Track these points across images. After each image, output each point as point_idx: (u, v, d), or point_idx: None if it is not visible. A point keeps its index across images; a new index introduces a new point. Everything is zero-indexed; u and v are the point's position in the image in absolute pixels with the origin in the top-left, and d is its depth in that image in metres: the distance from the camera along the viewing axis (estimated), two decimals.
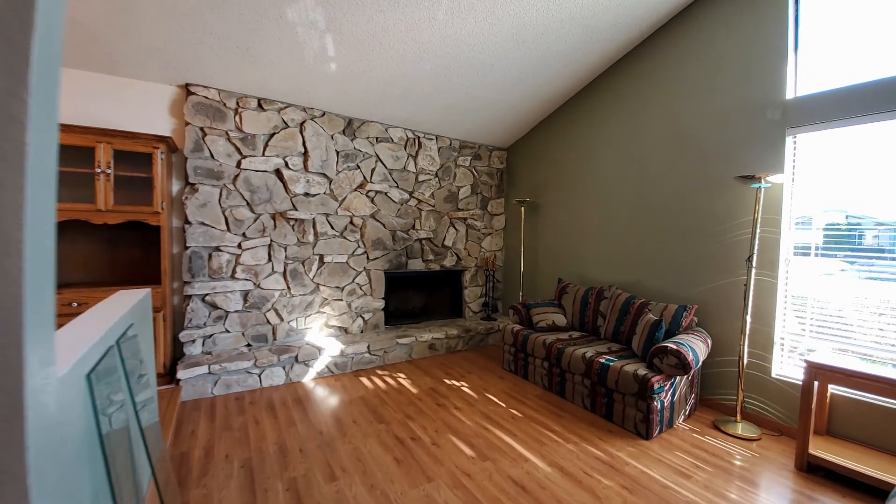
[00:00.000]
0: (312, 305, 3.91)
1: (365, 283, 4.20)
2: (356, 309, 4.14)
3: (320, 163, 3.83)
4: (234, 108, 3.43)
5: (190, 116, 3.26)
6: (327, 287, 3.97)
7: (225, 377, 3.15)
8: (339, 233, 4.00)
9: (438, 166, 4.61)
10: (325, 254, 3.92)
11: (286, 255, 3.73)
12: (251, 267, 3.58)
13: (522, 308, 3.83)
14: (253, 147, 3.52)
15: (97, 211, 2.73)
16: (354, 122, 4.02)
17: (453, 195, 4.77)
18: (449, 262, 4.78)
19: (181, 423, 2.69)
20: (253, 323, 3.62)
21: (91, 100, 3.00)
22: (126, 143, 2.79)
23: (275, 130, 3.60)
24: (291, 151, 3.69)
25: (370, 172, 4.14)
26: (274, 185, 3.63)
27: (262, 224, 3.60)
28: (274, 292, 3.70)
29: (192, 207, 3.31)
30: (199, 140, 3.31)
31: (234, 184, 3.46)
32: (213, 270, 3.42)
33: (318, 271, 3.91)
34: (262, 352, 3.43)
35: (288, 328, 3.79)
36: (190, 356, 3.32)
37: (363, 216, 4.13)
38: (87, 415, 1.00)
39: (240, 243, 3.51)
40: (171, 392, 2.90)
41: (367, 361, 3.80)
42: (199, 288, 3.36)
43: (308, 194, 3.80)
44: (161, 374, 2.99)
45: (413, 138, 4.41)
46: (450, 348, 4.34)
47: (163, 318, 2.98)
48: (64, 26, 1.75)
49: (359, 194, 4.08)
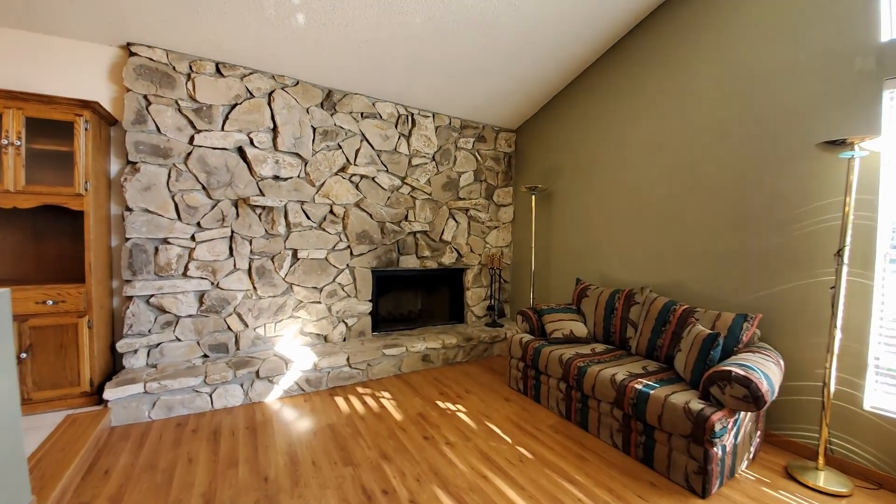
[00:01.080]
0: (284, 309, 3.31)
1: (348, 282, 3.59)
2: (338, 313, 3.54)
3: (293, 141, 3.23)
4: (185, 72, 2.86)
5: (130, 82, 2.70)
6: (302, 287, 3.37)
7: (166, 397, 2.57)
8: (317, 224, 3.40)
9: (436, 148, 3.99)
10: (300, 248, 3.32)
11: (251, 249, 3.15)
12: (208, 263, 3.00)
13: (533, 314, 3.17)
14: (209, 120, 2.94)
15: (5, 192, 2.18)
16: (335, 93, 3.42)
17: (453, 182, 4.14)
18: (448, 259, 4.14)
19: (98, 458, 2.12)
20: (210, 330, 3.04)
21: (8, 62, 2.46)
22: (42, 110, 2.24)
23: (236, 101, 3.02)
24: (257, 126, 3.10)
25: (354, 153, 3.54)
26: (236, 165, 3.05)
27: (220, 212, 3.02)
28: (237, 293, 3.12)
29: (132, 191, 2.74)
30: (142, 110, 2.75)
31: (186, 163, 2.89)
32: (161, 267, 2.85)
33: (292, 269, 3.32)
34: (217, 365, 2.84)
35: (254, 336, 3.21)
36: (130, 370, 2.75)
37: (345, 205, 3.52)
38: None
39: (193, 234, 2.94)
40: (95, 416, 2.33)
41: (347, 377, 3.19)
42: (143, 288, 2.79)
43: (278, 177, 3.22)
44: (87, 392, 2.43)
45: (406, 115, 3.79)
46: (447, 360, 3.70)
47: (87, 325, 2.42)
48: None
49: (340, 179, 3.48)
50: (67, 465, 1.90)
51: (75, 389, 2.42)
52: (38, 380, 2.33)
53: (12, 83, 2.43)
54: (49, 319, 2.33)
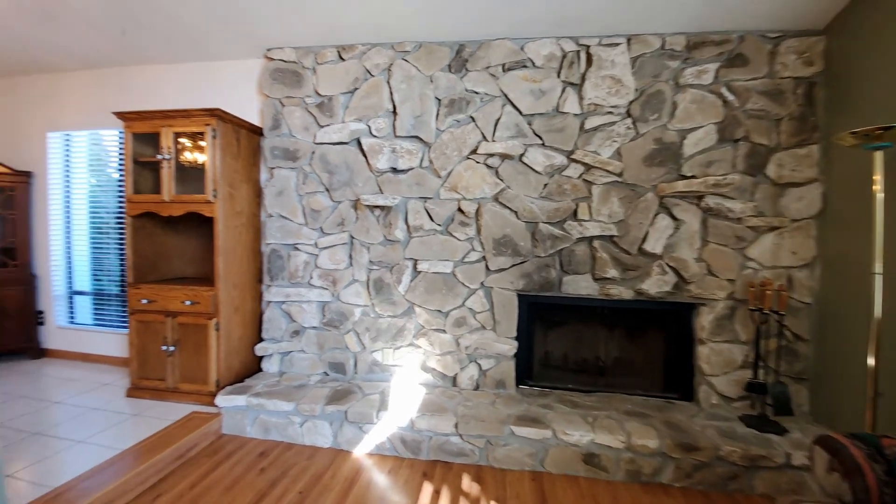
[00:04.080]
0: (404, 334, 2.64)
1: (482, 309, 2.55)
2: (467, 349, 2.56)
3: (412, 121, 2.54)
4: (311, 66, 2.67)
5: (268, 88, 2.73)
6: (424, 310, 2.60)
7: (264, 417, 2.35)
8: (443, 226, 2.56)
9: (633, 95, 2.37)
10: (421, 258, 2.58)
11: (369, 257, 2.65)
12: (329, 272, 2.70)
13: (874, 464, 1.14)
14: (330, 113, 2.65)
15: (162, 202, 2.51)
16: (466, 47, 2.50)
17: (669, 150, 2.36)
18: (655, 285, 2.38)
19: (185, 467, 2.02)
20: (331, 346, 2.73)
21: (189, 91, 2.94)
22: (184, 124, 2.46)
23: (355, 85, 2.61)
24: (376, 111, 2.59)
25: (492, 125, 2.49)
26: (354, 161, 2.64)
27: (340, 215, 2.67)
28: (355, 309, 2.69)
29: (269, 196, 2.76)
30: (277, 114, 2.73)
31: (311, 164, 2.69)
32: (291, 273, 2.75)
33: (412, 284, 2.61)
34: (311, 393, 2.45)
35: (371, 361, 2.68)
36: (263, 374, 2.75)
37: (479, 199, 2.52)
38: None
39: (316, 241, 2.70)
40: (209, 418, 2.34)
41: (455, 451, 2.15)
42: (276, 294, 2.76)
43: (396, 170, 2.59)
44: (213, 392, 2.51)
45: (574, 52, 2.41)
46: (637, 474, 2.01)
47: (214, 327, 2.49)
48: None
49: (472, 164, 2.51)
50: (144, 461, 1.83)
51: (205, 387, 2.52)
52: (182, 372, 2.56)
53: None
54: (189, 318, 2.52)
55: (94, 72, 3.14)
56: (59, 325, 3.34)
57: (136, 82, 3.07)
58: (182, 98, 2.93)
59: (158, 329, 2.56)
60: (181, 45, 2.76)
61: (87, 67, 3.12)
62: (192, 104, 2.81)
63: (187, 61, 2.95)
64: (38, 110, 3.27)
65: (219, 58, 2.87)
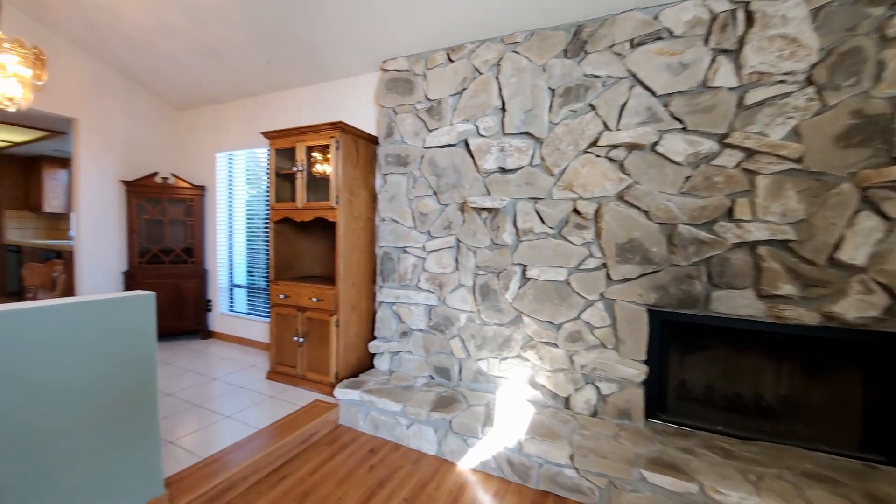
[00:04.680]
0: (510, 345, 2.48)
1: (602, 323, 2.23)
2: (583, 369, 2.27)
3: (522, 116, 2.36)
4: (422, 72, 2.70)
5: (383, 98, 2.85)
6: (533, 320, 2.40)
7: (374, 414, 2.44)
8: (555, 229, 2.33)
9: (817, 57, 1.80)
10: (531, 264, 2.38)
11: (476, 262, 2.56)
12: (436, 276, 2.70)
13: None
14: (439, 116, 2.64)
15: (296, 209, 2.80)
16: (585, 27, 2.22)
17: (875, 124, 1.72)
18: (857, 306, 1.76)
19: (307, 452, 2.21)
20: (437, 350, 2.72)
21: (321, 110, 3.24)
22: (314, 138, 2.71)
23: (463, 86, 2.55)
24: (484, 109, 2.49)
25: (616, 112, 2.16)
26: (462, 162, 2.58)
27: (447, 218, 2.64)
28: (460, 314, 2.62)
29: (382, 201, 2.88)
30: (391, 122, 2.83)
31: (421, 168, 2.72)
32: (401, 276, 2.83)
33: (521, 291, 2.43)
34: (418, 396, 2.44)
35: (476, 369, 2.59)
36: (374, 371, 2.88)
37: (598, 198, 2.21)
38: None
39: (424, 244, 2.72)
40: (329, 408, 2.52)
41: (569, 486, 1.89)
42: (387, 295, 2.86)
43: (504, 169, 2.45)
44: (332, 383, 2.70)
45: (727, 12, 1.94)
46: None
47: (335, 324, 2.68)
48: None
49: (591, 158, 2.22)
50: (274, 442, 2.04)
51: (326, 378, 2.73)
52: (309, 362, 2.81)
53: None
54: (315, 314, 2.76)
55: (247, 100, 3.72)
56: (222, 312, 4.04)
57: (277, 106, 3.53)
58: (313, 116, 3.27)
59: (291, 322, 2.87)
60: (311, 69, 3.07)
61: (242, 97, 3.71)
62: (320, 120, 3.11)
63: (316, 83, 3.28)
64: (209, 135, 4.01)
65: (341, 76, 3.11)
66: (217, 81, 3.49)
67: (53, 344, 1.23)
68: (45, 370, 1.22)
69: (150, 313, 1.51)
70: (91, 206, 3.60)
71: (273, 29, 2.71)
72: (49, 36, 3.10)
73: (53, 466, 1.24)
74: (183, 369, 3.18)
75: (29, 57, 1.96)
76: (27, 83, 2.03)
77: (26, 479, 1.17)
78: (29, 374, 1.18)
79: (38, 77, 2.04)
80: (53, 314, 1.24)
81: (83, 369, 1.31)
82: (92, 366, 1.33)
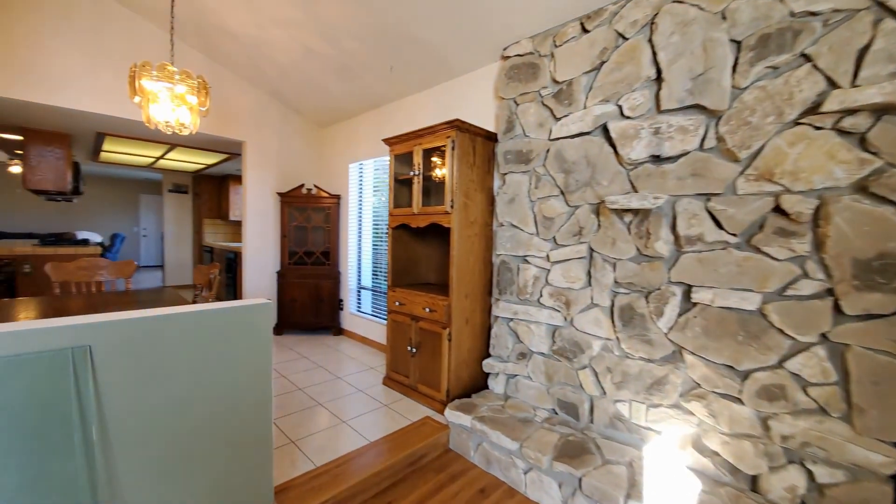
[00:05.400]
0: (664, 387, 1.89)
1: (822, 378, 1.48)
2: (786, 440, 1.55)
3: (688, 84, 1.76)
4: (548, 52, 2.31)
5: (503, 89, 2.55)
6: (701, 360, 1.77)
7: (486, 447, 2.15)
8: (741, 236, 1.66)
9: None
10: (698, 283, 1.76)
11: (615, 276, 2.04)
12: (561, 291, 2.27)
13: None
14: (569, 101, 2.20)
15: (412, 214, 2.71)
16: None
17: None
18: None
19: (414, 476, 2.06)
20: (561, 380, 2.29)
21: (440, 113, 3.09)
22: (430, 140, 2.57)
23: (602, 58, 2.06)
24: (630, 84, 1.96)
25: (850, 62, 1.40)
26: (598, 153, 2.09)
27: (577, 222, 2.19)
28: (592, 340, 2.14)
29: (500, 204, 2.59)
30: (511, 116, 2.51)
31: (545, 164, 2.33)
32: (520, 289, 2.49)
33: (681, 319, 1.83)
34: (537, 436, 2.04)
35: (613, 412, 2.07)
36: (487, 393, 2.60)
37: (820, 190, 1.47)
38: None
39: (548, 253, 2.32)
40: (439, 429, 2.34)
41: None
42: (504, 309, 2.55)
43: (658, 158, 1.87)
44: (443, 402, 2.51)
45: None
46: None
47: (447, 338, 2.49)
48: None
49: (805, 132, 1.50)
50: (383, 461, 1.95)
51: (437, 394, 2.56)
52: (421, 374, 2.68)
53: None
54: (427, 325, 2.61)
55: (374, 111, 3.86)
56: (351, 312, 4.30)
57: (400, 114, 3.56)
58: (434, 119, 3.16)
59: (406, 330, 2.79)
60: (430, 69, 2.97)
61: (370, 108, 3.87)
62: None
63: (433, 85, 3.18)
64: (343, 148, 4.32)
65: (460, 72, 2.92)
66: (349, 97, 3.70)
67: (175, 349, 1.27)
68: (169, 373, 1.26)
69: (267, 321, 1.51)
70: (255, 214, 4.22)
71: (393, 34, 2.67)
72: (220, 70, 3.71)
73: (169, 467, 1.27)
74: (316, 364, 3.42)
75: (195, 86, 2.26)
76: (195, 110, 2.35)
77: (144, 478, 1.22)
78: (156, 376, 1.23)
79: (202, 104, 2.34)
80: (175, 321, 1.28)
81: (201, 374, 1.34)
82: (209, 371, 1.35)
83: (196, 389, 1.33)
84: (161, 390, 1.25)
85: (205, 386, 1.35)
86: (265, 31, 3.00)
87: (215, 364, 1.37)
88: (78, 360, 1.12)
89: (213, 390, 1.37)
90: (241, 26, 3.00)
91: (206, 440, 1.36)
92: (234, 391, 1.42)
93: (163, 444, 1.26)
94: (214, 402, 1.37)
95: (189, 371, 1.31)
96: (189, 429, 1.31)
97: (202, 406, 1.34)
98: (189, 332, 1.31)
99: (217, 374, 1.38)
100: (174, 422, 1.28)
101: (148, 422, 1.22)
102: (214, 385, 1.37)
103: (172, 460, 1.28)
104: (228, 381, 1.40)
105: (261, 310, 1.50)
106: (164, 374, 1.25)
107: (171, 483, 1.28)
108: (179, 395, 1.29)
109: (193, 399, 1.32)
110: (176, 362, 1.28)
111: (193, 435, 1.32)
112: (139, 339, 1.21)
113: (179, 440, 1.29)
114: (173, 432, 1.28)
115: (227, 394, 1.40)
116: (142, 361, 1.21)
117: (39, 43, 2.77)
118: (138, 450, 1.21)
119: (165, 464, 1.27)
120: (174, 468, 1.29)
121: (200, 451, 1.35)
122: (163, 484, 1.27)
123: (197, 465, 1.34)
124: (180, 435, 1.29)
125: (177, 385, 1.28)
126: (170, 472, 1.28)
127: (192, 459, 1.33)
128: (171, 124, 2.31)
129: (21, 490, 1.03)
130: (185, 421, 1.30)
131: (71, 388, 1.10)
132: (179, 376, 1.28)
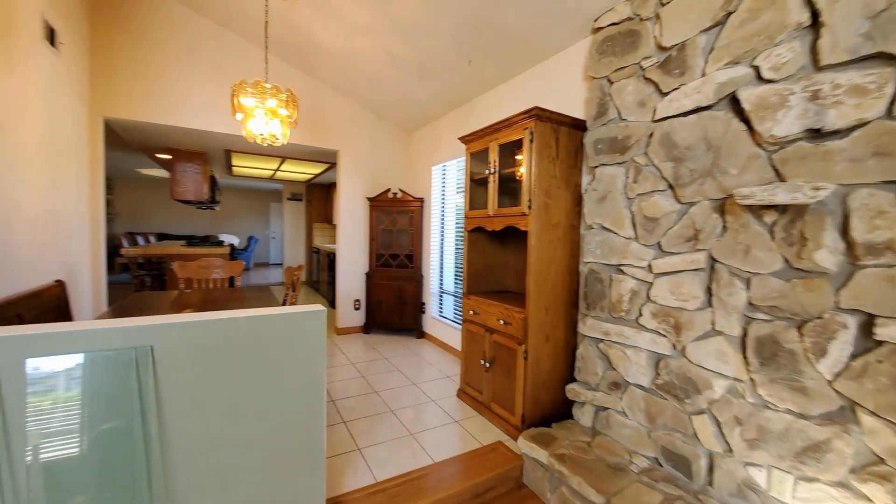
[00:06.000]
0: (824, 457, 1.34)
1: None
2: None
3: (863, 26, 1.21)
4: (651, 13, 1.88)
5: (594, 68, 2.17)
6: (885, 423, 1.20)
7: (566, 493, 1.82)
8: None
9: None
10: (883, 314, 1.19)
11: (749, 296, 1.54)
12: (668, 311, 1.82)
13: None
14: (681, 70, 1.75)
15: (488, 217, 2.49)
16: None
17: None
18: None
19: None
20: (667, 423, 1.83)
21: (524, 102, 2.80)
22: (506, 134, 2.32)
23: (727, 9, 1.58)
24: (771, 37, 1.45)
25: None
26: (723, 134, 1.60)
27: (691, 224, 1.72)
28: (712, 378, 1.65)
29: (589, 203, 2.21)
30: (604, 97, 2.12)
31: (647, 152, 1.90)
32: (613, 304, 2.08)
33: (854, 363, 1.27)
34: (631, 490, 1.64)
35: (743, 478, 1.56)
36: (575, 424, 2.24)
37: None
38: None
39: (650, 263, 1.88)
40: (512, 459, 2.08)
41: None
42: (592, 327, 2.17)
43: (818, 133, 1.33)
44: (517, 427, 2.24)
45: None
46: None
47: (523, 356, 2.21)
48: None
49: None
50: (446, 489, 1.79)
51: (511, 417, 2.29)
52: (494, 392, 2.45)
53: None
54: (502, 338, 2.37)
55: (455, 111, 3.74)
56: (432, 316, 4.24)
57: (478, 110, 3.37)
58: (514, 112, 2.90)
59: (480, 342, 2.58)
60: (510, 57, 2.71)
61: (451, 109, 3.75)
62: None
63: (517, 74, 2.91)
64: (426, 151, 4.29)
65: (543, 56, 2.61)
66: (430, 98, 3.64)
67: (226, 353, 1.27)
68: (220, 377, 1.26)
69: (320, 327, 1.46)
70: (347, 218, 4.46)
71: (470, 24, 2.50)
72: (318, 85, 3.98)
73: (218, 477, 1.27)
74: (394, 367, 3.42)
75: (284, 99, 2.38)
76: (285, 122, 2.48)
77: (194, 479, 1.23)
78: (208, 378, 1.24)
79: (291, 115, 2.46)
80: (226, 326, 1.28)
81: (251, 380, 1.32)
82: (260, 377, 1.33)
83: (246, 394, 1.31)
84: (213, 393, 1.26)
85: (255, 391, 1.33)
86: (351, 42, 3.10)
87: (266, 369, 1.35)
88: (141, 359, 1.17)
89: (262, 396, 1.34)
90: (331, 39, 3.14)
91: (255, 446, 1.34)
92: (285, 397, 1.39)
93: (214, 447, 1.27)
94: (264, 408, 1.35)
95: (239, 375, 1.30)
96: (239, 434, 1.31)
97: (252, 411, 1.33)
98: (239, 337, 1.30)
99: (268, 380, 1.35)
100: (225, 426, 1.28)
101: (201, 424, 1.24)
102: (264, 391, 1.35)
103: (222, 464, 1.29)
104: (279, 387, 1.37)
105: (313, 317, 1.45)
106: (216, 377, 1.26)
107: (220, 486, 1.29)
108: (229, 400, 1.28)
109: (243, 404, 1.31)
110: (227, 366, 1.28)
111: (243, 440, 1.32)
112: (194, 342, 1.23)
113: (230, 445, 1.29)
114: (224, 436, 1.28)
115: (277, 400, 1.37)
116: (196, 364, 1.23)
117: (172, 74, 3.28)
118: (192, 451, 1.23)
119: (215, 465, 1.28)
120: (223, 472, 1.29)
121: (250, 458, 1.34)
122: (211, 486, 1.27)
123: (245, 471, 1.33)
124: (231, 439, 1.29)
125: (227, 389, 1.28)
126: (219, 475, 1.28)
127: (240, 466, 1.32)
128: (265, 137, 2.48)
129: (97, 472, 1.11)
130: (236, 426, 1.30)
131: (134, 385, 1.16)
132: (230, 380, 1.28)
